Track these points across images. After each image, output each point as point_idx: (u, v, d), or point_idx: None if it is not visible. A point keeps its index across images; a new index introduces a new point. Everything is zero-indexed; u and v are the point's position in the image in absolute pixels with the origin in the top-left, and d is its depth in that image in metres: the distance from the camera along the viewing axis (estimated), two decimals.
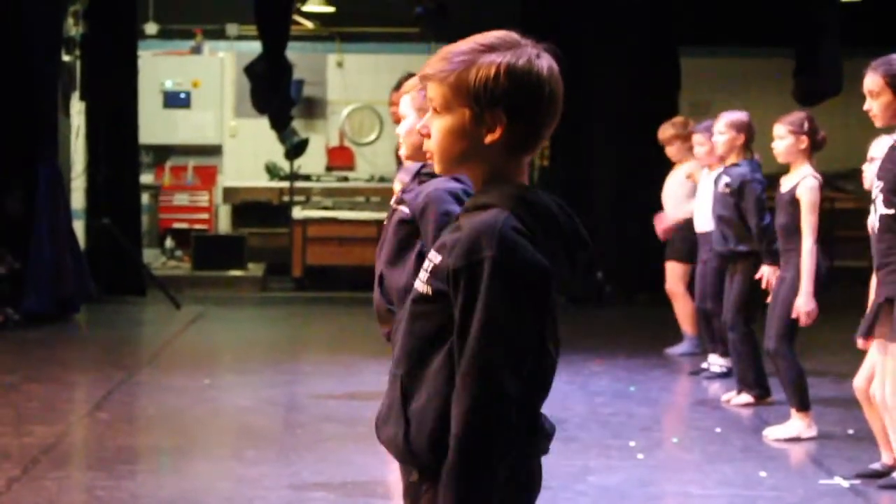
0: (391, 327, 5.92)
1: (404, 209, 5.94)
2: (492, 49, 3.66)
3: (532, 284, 3.53)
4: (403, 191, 6.06)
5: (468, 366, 3.51)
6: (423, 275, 3.69)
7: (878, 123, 8.01)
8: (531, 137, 3.70)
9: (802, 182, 10.20)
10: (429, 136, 3.73)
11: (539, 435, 3.75)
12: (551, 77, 3.68)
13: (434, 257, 3.68)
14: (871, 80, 7.83)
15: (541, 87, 3.67)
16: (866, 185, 8.66)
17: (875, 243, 7.83)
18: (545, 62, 3.68)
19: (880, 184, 7.78)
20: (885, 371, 7.69)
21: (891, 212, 7.68)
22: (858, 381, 8.79)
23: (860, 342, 8.12)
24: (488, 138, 3.65)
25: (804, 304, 9.96)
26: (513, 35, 3.70)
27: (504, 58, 3.64)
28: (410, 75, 6.06)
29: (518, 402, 3.53)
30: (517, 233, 3.54)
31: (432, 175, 5.73)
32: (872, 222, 7.88)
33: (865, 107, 7.89)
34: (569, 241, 3.68)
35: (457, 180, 5.61)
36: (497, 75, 3.62)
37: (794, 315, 10.04)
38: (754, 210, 11.26)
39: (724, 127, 11.56)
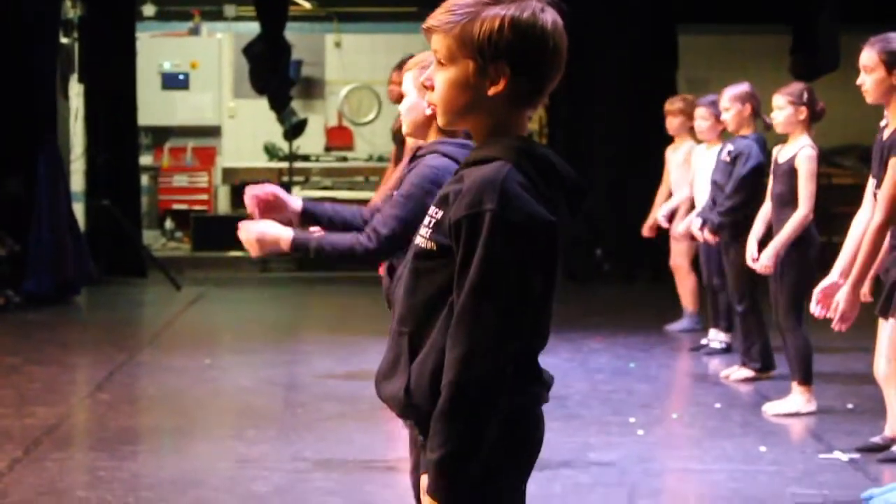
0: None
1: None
2: (496, 2, 3.67)
3: (534, 237, 3.54)
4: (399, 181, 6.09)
5: (463, 314, 3.53)
6: (425, 230, 3.70)
7: (868, 99, 8.02)
8: (534, 90, 3.72)
9: (801, 151, 10.23)
10: (433, 88, 3.74)
11: (539, 383, 3.76)
12: (555, 31, 3.69)
13: (435, 212, 3.68)
14: (867, 56, 7.83)
15: (545, 41, 3.68)
16: None
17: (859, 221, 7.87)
18: (549, 16, 3.69)
19: (876, 163, 7.81)
20: (888, 345, 7.71)
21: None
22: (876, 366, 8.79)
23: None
24: (492, 90, 3.67)
25: (766, 259, 10.07)
26: None
27: (508, 10, 3.66)
28: (411, 56, 6.06)
29: (513, 356, 3.54)
30: (520, 186, 3.55)
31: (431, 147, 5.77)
32: (868, 201, 7.91)
33: (858, 81, 7.89)
34: (569, 190, 3.70)
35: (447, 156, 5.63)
36: (501, 27, 3.64)
37: (759, 269, 10.15)
38: (736, 183, 11.32)
39: (728, 102, 11.56)
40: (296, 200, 5.91)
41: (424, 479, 3.66)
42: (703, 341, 13.10)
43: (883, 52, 7.74)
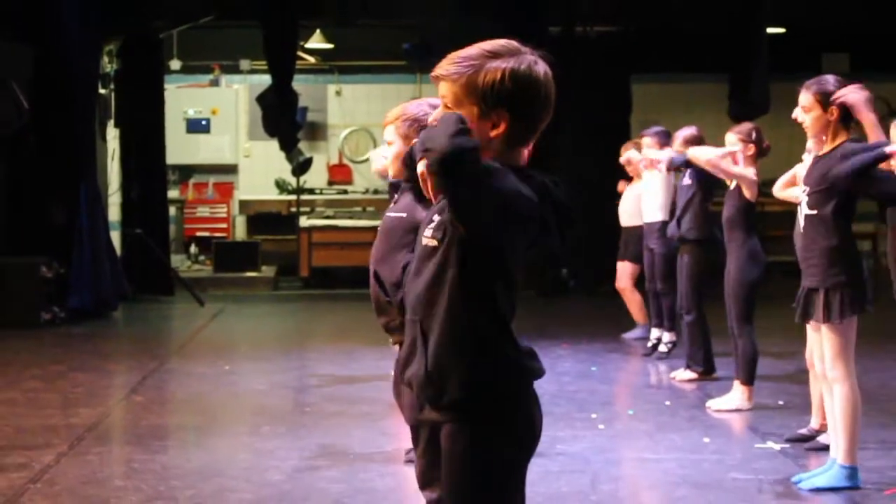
0: (388, 318, 5.95)
1: (391, 215, 6.01)
2: (497, 55, 3.71)
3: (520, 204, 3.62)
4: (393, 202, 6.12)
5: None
6: (429, 231, 3.73)
7: (809, 134, 8.03)
8: (528, 132, 3.77)
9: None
10: None
11: (529, 356, 3.81)
12: (546, 80, 3.75)
13: (436, 216, 3.73)
14: (805, 98, 7.85)
15: (538, 89, 3.73)
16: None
17: (800, 240, 7.86)
18: (541, 67, 3.75)
19: (806, 188, 7.82)
20: (823, 348, 7.72)
21: (814, 212, 7.71)
22: (809, 354, 8.81)
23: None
24: (493, 132, 3.71)
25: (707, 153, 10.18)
26: (514, 43, 3.77)
27: (508, 63, 3.70)
28: None
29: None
30: (517, 186, 3.62)
31: (410, 188, 5.80)
32: (799, 221, 7.92)
33: (799, 119, 7.91)
34: (559, 211, 3.73)
35: None
36: (502, 79, 3.68)
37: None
38: (692, 206, 11.41)
39: (682, 143, 11.61)
40: None
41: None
42: (652, 342, 13.12)
43: (818, 93, 7.77)
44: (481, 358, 3.68)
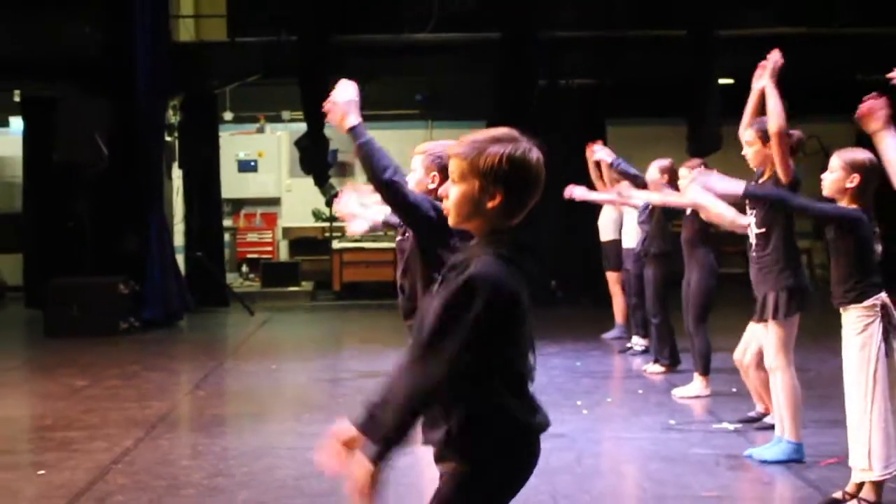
0: (412, 320, 6.00)
1: (401, 237, 6.12)
2: (498, 141, 3.70)
3: (494, 313, 3.61)
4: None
5: (426, 338, 3.62)
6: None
7: (751, 165, 8.07)
8: (520, 206, 3.74)
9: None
10: (447, 197, 3.76)
11: (534, 410, 3.79)
12: (538, 165, 3.74)
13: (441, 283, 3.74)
14: (748, 134, 7.90)
15: (530, 172, 3.72)
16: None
17: (752, 253, 7.90)
18: (535, 154, 3.74)
19: (753, 212, 7.84)
20: (767, 342, 7.74)
21: (762, 230, 7.74)
22: (737, 355, 8.85)
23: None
24: (489, 205, 3.69)
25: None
26: (514, 132, 3.76)
27: (506, 149, 3.69)
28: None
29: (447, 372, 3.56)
30: (501, 280, 3.62)
31: None
32: (751, 239, 7.94)
33: (743, 153, 7.95)
34: (530, 269, 3.74)
35: None
36: (500, 161, 3.67)
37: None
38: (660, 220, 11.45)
39: (654, 170, 11.63)
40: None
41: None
42: (628, 345, 13.16)
43: (759, 130, 7.82)
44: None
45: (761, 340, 8.07)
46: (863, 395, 6.45)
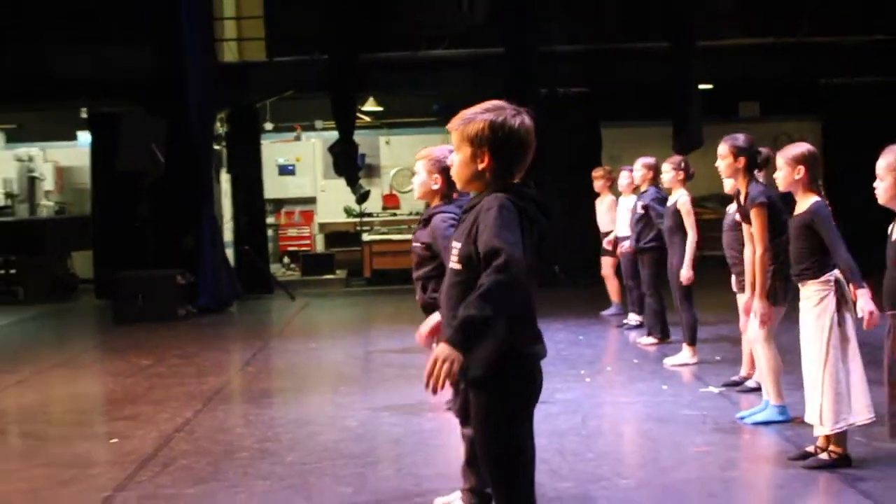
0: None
1: (416, 244, 6.15)
2: (485, 111, 3.77)
3: (514, 219, 3.65)
4: (420, 229, 6.23)
5: (491, 249, 3.59)
6: (454, 259, 3.77)
7: (723, 177, 8.08)
8: (511, 166, 3.78)
9: (679, 198, 10.30)
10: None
11: (537, 339, 3.85)
12: (521, 128, 3.77)
13: (455, 245, 3.76)
14: (722, 148, 7.87)
15: (513, 135, 3.76)
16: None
17: (746, 251, 7.92)
18: (518, 119, 3.78)
19: (745, 224, 7.87)
20: (752, 320, 7.74)
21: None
22: (742, 324, 8.84)
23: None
24: (481, 166, 3.74)
25: (685, 273, 10.10)
26: (500, 103, 3.83)
27: (489, 116, 3.74)
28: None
29: (519, 268, 3.57)
30: (507, 199, 3.69)
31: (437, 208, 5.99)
32: (746, 241, 7.94)
33: (716, 164, 7.92)
34: (539, 206, 3.79)
35: (447, 210, 5.85)
36: (483, 128, 3.73)
37: (683, 282, 10.14)
38: (649, 220, 11.43)
39: (640, 166, 11.66)
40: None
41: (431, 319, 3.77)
42: (625, 321, 13.13)
43: (732, 146, 7.79)
44: (494, 351, 3.71)
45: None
46: (817, 360, 6.50)
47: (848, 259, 6.39)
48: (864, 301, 6.25)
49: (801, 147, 6.71)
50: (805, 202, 6.60)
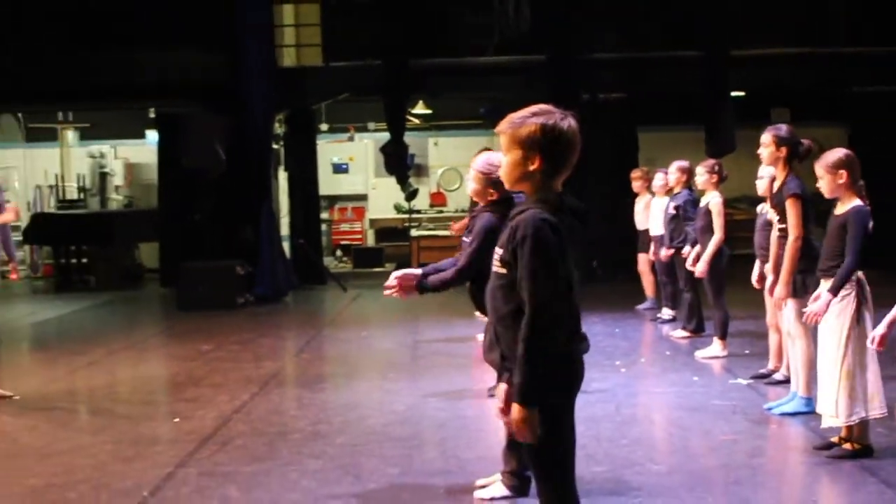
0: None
1: (465, 240, 6.17)
2: (534, 115, 3.74)
3: (549, 248, 3.59)
4: (468, 228, 6.25)
5: (526, 295, 3.59)
6: (496, 263, 3.76)
7: (765, 164, 8.01)
8: (559, 168, 3.75)
9: (712, 200, 10.27)
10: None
11: (578, 338, 3.79)
12: (570, 130, 3.74)
13: (498, 251, 3.75)
14: (765, 137, 7.80)
15: (562, 137, 3.72)
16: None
17: (773, 239, 7.87)
18: (566, 122, 3.75)
19: (773, 210, 7.81)
20: (787, 315, 7.70)
21: (783, 225, 7.68)
22: (769, 319, 8.79)
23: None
24: (531, 168, 3.71)
25: (700, 266, 10.08)
26: (548, 106, 3.78)
27: (539, 119, 3.71)
28: (486, 148, 6.19)
29: (553, 309, 3.58)
30: (542, 220, 3.61)
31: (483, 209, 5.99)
32: (774, 232, 7.89)
33: (759, 151, 7.86)
34: (575, 212, 3.76)
35: (492, 213, 5.87)
36: (534, 131, 3.70)
37: (697, 274, 10.16)
38: (681, 221, 11.39)
39: (674, 169, 11.62)
40: (416, 270, 5.96)
41: (501, 388, 3.76)
42: (658, 315, 13.07)
43: (774, 135, 7.72)
44: None
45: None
46: (835, 355, 6.48)
47: (850, 266, 6.39)
48: (818, 303, 6.47)
49: (839, 153, 6.67)
50: (847, 204, 6.56)
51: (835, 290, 6.40)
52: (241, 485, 6.24)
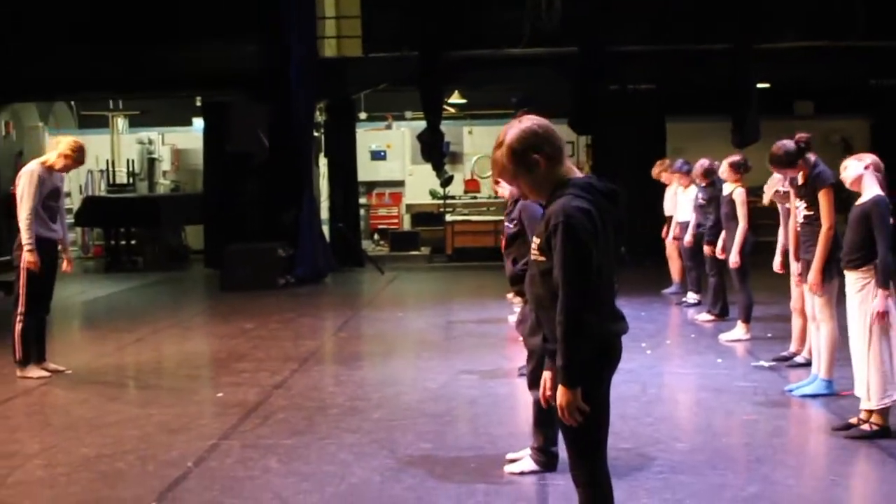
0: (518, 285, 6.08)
1: (507, 224, 6.18)
2: (499, 146, 3.77)
3: (580, 234, 3.55)
4: (509, 212, 6.26)
5: (560, 280, 3.56)
6: (534, 252, 3.73)
7: (789, 178, 8.05)
8: (553, 152, 3.71)
9: (736, 190, 10.25)
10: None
11: (616, 318, 3.78)
12: (534, 126, 3.72)
13: (535, 240, 3.73)
14: (776, 159, 7.86)
15: (535, 134, 3.70)
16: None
17: (801, 230, 7.82)
18: (525, 123, 3.74)
19: (802, 198, 7.75)
20: (814, 301, 7.66)
21: (811, 213, 7.63)
22: (794, 303, 8.73)
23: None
24: (542, 167, 3.71)
25: (733, 258, 10.04)
26: (506, 127, 3.79)
27: (507, 141, 3.74)
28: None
29: (586, 294, 3.55)
30: (574, 207, 3.57)
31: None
32: (797, 217, 7.84)
33: (774, 182, 7.89)
34: (605, 194, 3.70)
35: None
36: (508, 153, 3.73)
37: (731, 266, 10.11)
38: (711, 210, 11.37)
39: (698, 166, 11.67)
40: None
41: (546, 375, 3.76)
42: (684, 299, 13.02)
43: (784, 154, 7.72)
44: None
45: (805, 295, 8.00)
46: (862, 342, 6.47)
47: (885, 258, 6.34)
48: (878, 301, 6.33)
49: (866, 158, 6.65)
50: (868, 193, 6.51)
51: (884, 284, 6.34)
52: (282, 456, 6.27)
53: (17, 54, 18.12)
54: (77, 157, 8.89)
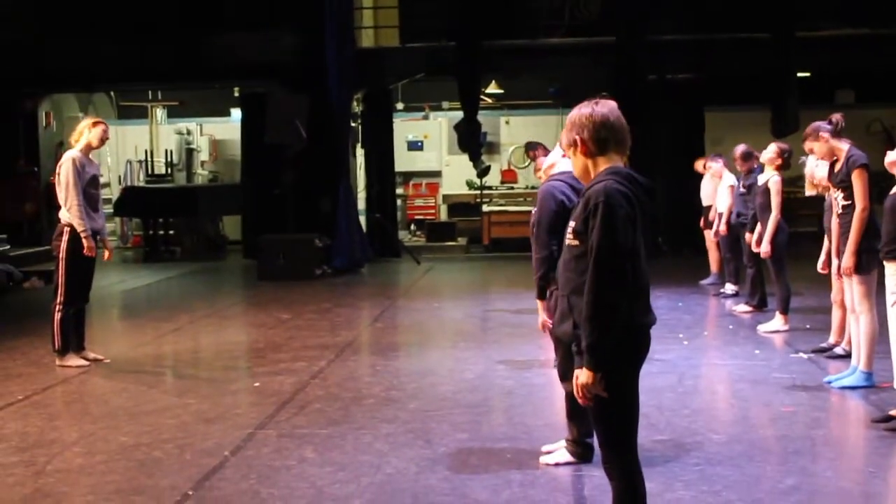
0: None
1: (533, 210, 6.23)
2: (570, 121, 3.83)
3: (619, 215, 3.58)
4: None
5: (593, 257, 3.58)
6: (569, 236, 3.74)
7: (819, 158, 7.95)
8: (603, 144, 3.76)
9: (771, 178, 10.20)
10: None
11: (644, 311, 3.75)
12: (604, 113, 3.77)
13: (571, 224, 3.73)
14: (812, 145, 7.80)
15: (589, 120, 3.77)
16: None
17: (838, 219, 7.75)
18: (599, 108, 3.79)
19: (840, 188, 7.67)
20: (854, 292, 7.60)
21: (848, 203, 7.57)
22: (834, 295, 8.66)
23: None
24: (581, 149, 3.80)
25: (764, 247, 9.98)
26: (587, 101, 3.84)
27: (574, 112, 3.82)
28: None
29: (617, 273, 3.56)
30: (615, 189, 3.61)
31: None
32: (836, 209, 7.77)
33: (809, 159, 7.81)
34: (643, 187, 3.73)
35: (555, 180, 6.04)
36: (571, 123, 3.82)
37: (762, 255, 10.06)
38: (750, 200, 11.30)
39: (737, 154, 11.60)
40: None
41: (579, 373, 3.68)
42: (722, 290, 12.96)
43: (817, 133, 7.68)
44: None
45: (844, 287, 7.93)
46: None
47: None
48: None
49: None
50: None
51: None
52: (318, 446, 6.29)
53: (58, 46, 18.28)
54: (99, 126, 8.92)
